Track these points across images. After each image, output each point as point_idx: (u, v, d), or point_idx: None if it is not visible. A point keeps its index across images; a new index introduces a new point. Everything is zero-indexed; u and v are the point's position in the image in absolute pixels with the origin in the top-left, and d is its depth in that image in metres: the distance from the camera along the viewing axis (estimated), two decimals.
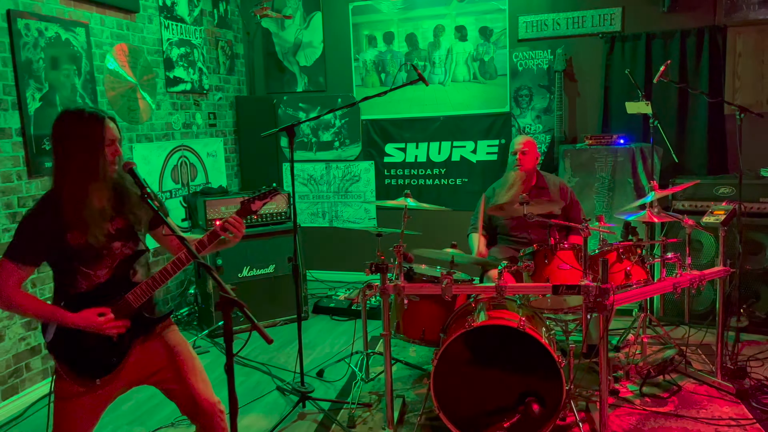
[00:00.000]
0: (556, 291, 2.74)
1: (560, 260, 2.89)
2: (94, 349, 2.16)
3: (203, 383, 2.35)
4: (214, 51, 5.44)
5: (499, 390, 2.79)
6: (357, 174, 5.75)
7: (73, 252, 2.13)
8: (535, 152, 3.75)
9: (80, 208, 2.11)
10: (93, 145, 2.10)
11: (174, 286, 4.91)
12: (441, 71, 5.40)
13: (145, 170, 4.55)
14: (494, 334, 2.79)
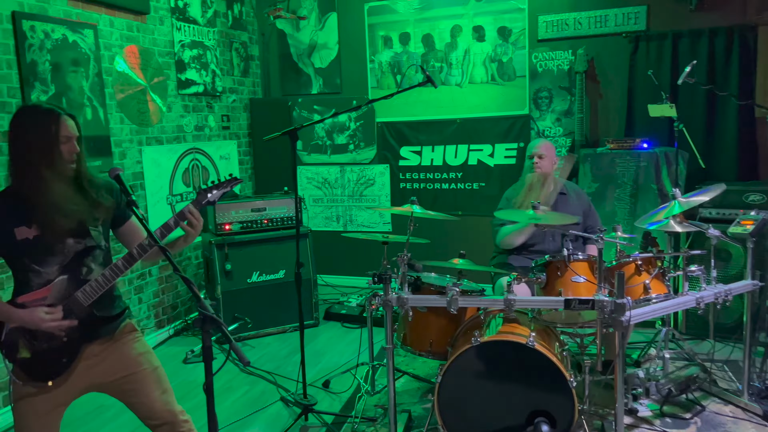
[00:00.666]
0: (568, 305, 2.58)
1: (574, 272, 2.73)
2: (45, 351, 2.11)
3: (164, 393, 2.29)
4: (227, 53, 5.38)
5: (507, 408, 2.65)
6: (372, 177, 5.63)
7: (22, 248, 2.09)
8: (553, 156, 3.59)
9: (35, 203, 2.06)
10: (48, 141, 2.05)
11: (184, 291, 4.86)
12: (458, 72, 5.26)
13: (155, 173, 4.50)
14: (503, 350, 2.65)
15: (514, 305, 2.62)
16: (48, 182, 2.05)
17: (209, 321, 1.69)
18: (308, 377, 3.78)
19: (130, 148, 4.27)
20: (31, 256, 2.09)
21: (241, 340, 4.48)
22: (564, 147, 5.01)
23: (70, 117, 2.11)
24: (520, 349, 2.60)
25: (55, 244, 2.10)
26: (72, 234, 2.13)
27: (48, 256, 2.11)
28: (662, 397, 3.16)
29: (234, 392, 3.68)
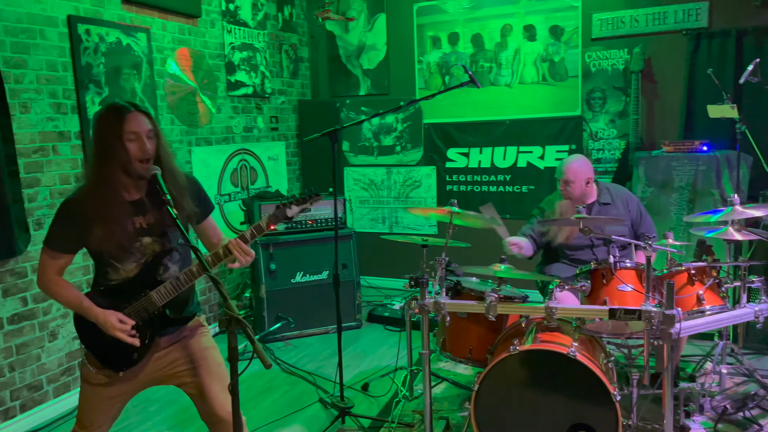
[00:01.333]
0: (613, 315, 2.46)
1: (620, 280, 2.60)
2: (117, 344, 2.14)
3: (224, 392, 2.27)
4: (277, 55, 5.44)
5: (547, 419, 2.55)
6: (418, 179, 5.58)
7: (100, 244, 2.12)
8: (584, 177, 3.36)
9: (106, 200, 2.09)
10: (113, 139, 2.06)
11: (231, 289, 4.93)
12: (507, 73, 5.15)
13: (204, 173, 4.58)
14: (543, 359, 2.55)
15: (556, 313, 2.52)
16: (114, 181, 2.09)
17: (235, 322, 1.68)
18: (348, 379, 3.78)
19: (180, 149, 4.37)
20: (110, 252, 2.14)
21: (284, 340, 4.51)
22: (618, 150, 4.83)
23: (142, 113, 2.11)
24: (561, 359, 2.50)
25: (128, 244, 2.14)
26: (147, 234, 2.18)
27: (125, 253, 2.15)
28: (717, 415, 2.98)
29: (274, 392, 3.70)
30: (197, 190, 2.34)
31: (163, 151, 2.19)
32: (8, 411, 3.22)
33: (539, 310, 2.55)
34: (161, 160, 2.18)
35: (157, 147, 2.16)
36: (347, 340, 4.49)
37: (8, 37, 3.17)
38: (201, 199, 2.34)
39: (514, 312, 2.65)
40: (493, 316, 2.62)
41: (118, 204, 2.12)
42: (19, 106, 3.25)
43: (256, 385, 3.80)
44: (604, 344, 2.92)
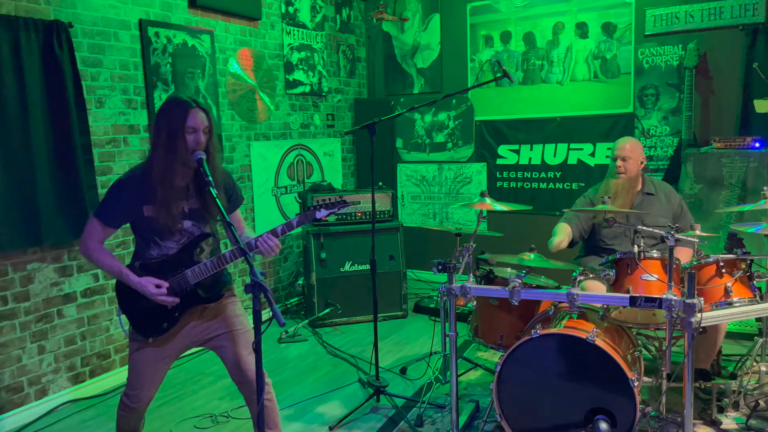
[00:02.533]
0: (633, 302, 2.51)
1: (644, 270, 2.64)
2: (148, 311, 2.40)
3: (251, 355, 2.51)
4: (335, 55, 5.68)
5: (567, 403, 2.63)
6: (469, 176, 5.68)
7: (148, 223, 2.39)
8: (640, 157, 3.44)
9: (159, 184, 2.34)
10: (175, 130, 2.31)
11: (285, 277, 5.20)
12: (559, 70, 5.17)
13: (262, 166, 4.87)
14: (563, 343, 2.63)
15: (577, 300, 2.59)
16: (170, 167, 2.33)
17: (257, 287, 1.88)
18: (389, 364, 3.95)
19: (240, 143, 4.67)
20: (155, 231, 2.40)
21: (332, 325, 4.73)
22: (671, 147, 4.77)
23: (202, 110, 2.35)
24: (580, 344, 2.57)
25: (173, 225, 2.40)
26: (189, 218, 2.44)
27: (168, 233, 2.42)
28: (750, 410, 2.95)
29: (317, 371, 3.91)
30: (231, 184, 2.58)
31: (213, 146, 2.43)
32: (78, 376, 3.59)
33: (561, 296, 2.63)
34: (209, 152, 2.42)
35: (208, 141, 2.41)
36: (392, 329, 4.67)
37: (85, 39, 3.54)
38: (233, 193, 2.58)
39: (536, 297, 2.74)
40: (517, 300, 2.72)
41: (170, 188, 2.36)
42: (95, 101, 3.61)
43: (302, 365, 4.03)
44: (633, 335, 2.96)
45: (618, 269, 2.74)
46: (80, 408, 3.46)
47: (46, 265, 3.39)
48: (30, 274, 3.32)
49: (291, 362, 4.08)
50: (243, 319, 2.59)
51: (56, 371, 3.46)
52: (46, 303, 3.40)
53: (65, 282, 3.48)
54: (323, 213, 2.46)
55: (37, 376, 3.37)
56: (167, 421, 3.28)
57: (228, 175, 2.60)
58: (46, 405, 3.39)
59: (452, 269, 2.90)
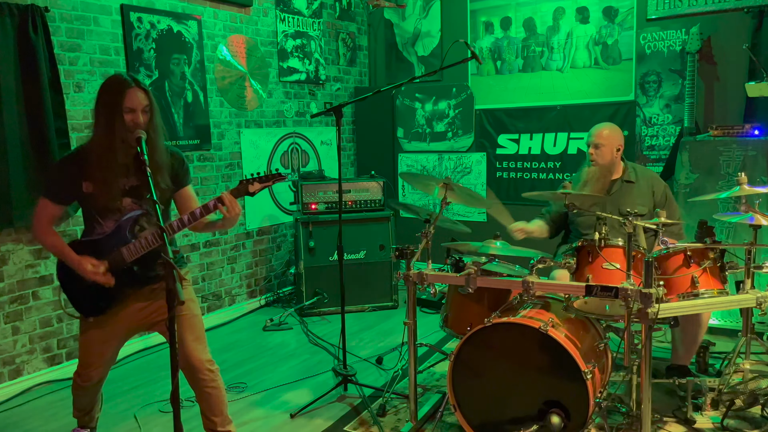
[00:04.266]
0: (590, 292, 2.40)
1: (604, 258, 2.51)
2: (86, 290, 2.40)
3: (196, 341, 2.49)
4: (333, 42, 5.62)
5: (521, 395, 2.53)
6: (468, 166, 5.56)
7: (87, 200, 2.39)
8: (615, 143, 3.26)
9: (98, 162, 2.34)
10: (113, 109, 2.30)
11: (278, 266, 5.18)
12: (559, 57, 5.01)
13: (253, 154, 4.85)
14: (515, 333, 2.53)
15: (533, 288, 2.49)
16: (109, 146, 2.32)
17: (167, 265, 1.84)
18: (368, 353, 3.89)
19: (229, 130, 4.66)
20: (94, 208, 2.41)
21: (320, 315, 4.69)
22: (673, 136, 4.56)
23: (141, 90, 2.34)
24: (533, 334, 2.46)
25: (112, 202, 2.40)
26: (129, 194, 2.43)
27: (107, 211, 2.42)
28: (725, 409, 2.79)
29: (294, 359, 3.88)
30: (180, 163, 2.55)
31: (153, 125, 2.41)
32: (55, 357, 3.63)
33: (516, 284, 2.53)
34: (149, 133, 2.40)
35: (148, 121, 2.39)
36: (379, 319, 4.60)
37: (63, 23, 3.56)
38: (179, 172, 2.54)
39: (491, 285, 2.64)
40: (472, 288, 2.63)
41: (110, 166, 2.36)
42: (73, 85, 3.64)
43: (280, 352, 4.00)
44: (600, 327, 2.83)
45: (579, 257, 2.62)
46: (56, 389, 3.50)
47: (21, 246, 3.43)
48: (4, 255, 3.36)
49: (270, 350, 4.05)
50: (191, 304, 2.57)
51: (31, 352, 3.51)
52: (21, 285, 3.44)
53: (41, 264, 3.52)
54: (256, 187, 2.41)
55: (11, 356, 3.42)
56: (134, 404, 3.28)
57: (174, 155, 2.56)
58: (19, 385, 3.44)
59: (409, 255, 2.82)
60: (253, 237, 4.91)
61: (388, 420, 3.02)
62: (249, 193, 2.42)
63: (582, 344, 2.55)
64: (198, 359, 2.49)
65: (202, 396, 2.54)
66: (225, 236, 4.67)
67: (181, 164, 2.59)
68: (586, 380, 2.36)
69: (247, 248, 4.88)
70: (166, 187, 2.48)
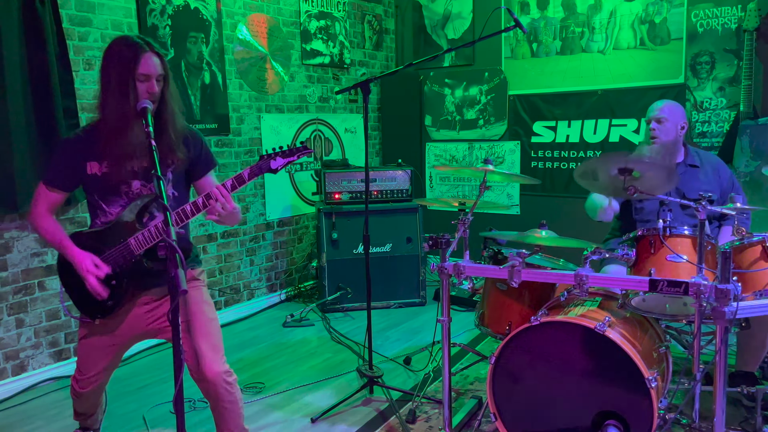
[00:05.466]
0: (654, 287, 2.08)
1: (670, 249, 2.20)
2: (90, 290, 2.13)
3: (212, 350, 2.18)
4: (359, 25, 5.35)
5: (573, 405, 2.23)
6: (501, 155, 5.24)
7: (91, 183, 2.13)
8: (680, 121, 2.94)
9: (111, 139, 2.08)
10: (125, 77, 2.03)
11: (299, 258, 4.93)
12: (601, 38, 4.66)
13: (274, 141, 4.60)
14: (567, 334, 2.22)
15: (586, 282, 2.18)
16: (120, 120, 2.05)
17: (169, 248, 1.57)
18: (395, 353, 3.62)
19: (249, 114, 4.41)
20: (99, 192, 2.15)
21: (344, 311, 4.42)
22: (727, 122, 4.20)
23: (156, 55, 2.06)
24: (588, 335, 2.16)
25: (120, 184, 2.14)
26: (138, 177, 2.16)
27: (113, 195, 2.16)
28: None
29: (316, 358, 3.61)
30: (199, 144, 2.28)
31: (169, 96, 2.14)
32: (62, 352, 3.42)
33: (568, 278, 2.22)
34: (165, 103, 2.14)
35: (163, 90, 2.12)
36: (406, 316, 4.32)
37: None
38: (201, 154, 2.28)
39: (538, 279, 2.34)
40: (516, 282, 2.33)
41: (121, 143, 2.09)
42: (83, 62, 3.41)
43: (301, 350, 3.74)
44: (661, 329, 2.51)
45: (639, 249, 2.30)
46: (62, 386, 3.27)
47: (26, 234, 3.21)
48: (8, 243, 3.15)
49: (290, 347, 3.80)
50: (206, 308, 2.27)
51: (36, 347, 3.29)
52: (26, 274, 3.22)
53: (48, 253, 3.30)
54: (280, 162, 2.12)
55: (14, 351, 3.20)
56: (144, 404, 3.05)
57: (194, 133, 2.30)
58: (24, 381, 3.23)
59: (444, 245, 2.53)
60: (273, 228, 4.66)
61: (419, 427, 2.73)
62: (271, 170, 2.13)
63: (642, 347, 2.23)
64: (215, 372, 2.15)
65: (217, 410, 2.23)
66: (244, 227, 4.43)
67: (203, 145, 2.31)
68: (650, 389, 2.05)
69: (267, 240, 4.63)
70: (184, 157, 2.20)
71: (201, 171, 2.29)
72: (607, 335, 2.10)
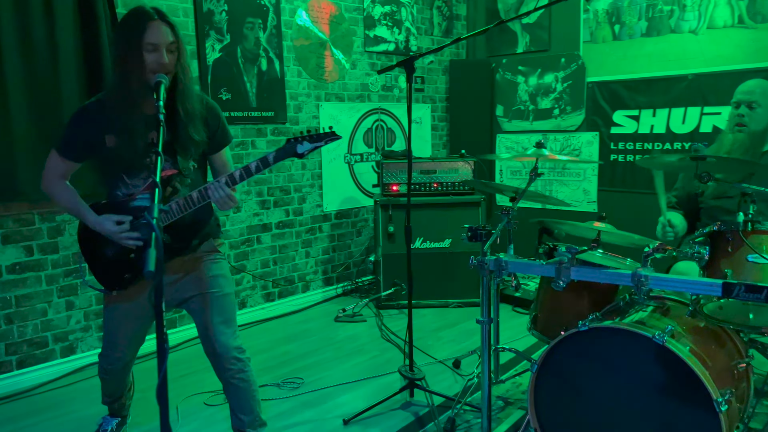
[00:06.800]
0: (729, 292, 1.73)
1: (751, 248, 1.83)
2: (109, 259, 2.11)
3: (224, 324, 2.17)
4: (428, 11, 5.12)
5: (626, 425, 1.91)
6: (577, 147, 4.85)
7: (112, 155, 2.07)
8: None
9: (117, 111, 2.02)
10: (131, 46, 1.95)
11: (357, 252, 4.77)
12: (693, 16, 4.19)
13: None
14: (625, 345, 1.91)
15: (646, 283, 1.86)
16: (127, 92, 1.99)
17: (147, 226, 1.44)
18: (445, 355, 3.39)
19: (307, 102, 4.30)
20: (120, 165, 2.09)
21: (399, 308, 4.22)
22: None
23: (166, 23, 1.97)
24: (645, 346, 1.84)
25: (138, 158, 2.07)
26: None
27: (134, 168, 2.09)
28: None
29: (362, 355, 3.44)
30: (215, 118, 2.19)
31: (182, 68, 2.05)
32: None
33: (624, 279, 1.91)
34: (177, 77, 2.04)
35: (176, 62, 2.03)
36: (464, 316, 4.06)
37: None
38: (217, 129, 2.20)
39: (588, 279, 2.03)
40: (564, 282, 2.04)
41: (134, 115, 2.03)
42: None
43: (347, 347, 3.58)
44: (742, 342, 2.13)
45: (714, 247, 1.95)
46: None
47: None
48: (60, 226, 3.19)
49: (337, 343, 3.64)
50: (222, 281, 2.21)
51: (86, 329, 3.32)
52: (78, 257, 3.25)
53: None
54: (306, 147, 2.00)
55: (64, 333, 3.24)
56: (177, 394, 2.98)
57: (211, 107, 2.20)
58: (72, 363, 3.26)
59: (486, 236, 2.28)
60: (330, 220, 4.53)
61: None
62: (297, 155, 2.02)
63: (714, 363, 1.89)
64: (224, 345, 2.13)
65: (228, 388, 2.19)
66: (300, 218, 4.32)
67: (220, 118, 2.22)
68: (719, 412, 1.71)
69: (324, 232, 4.51)
70: (201, 140, 2.11)
71: (216, 146, 2.21)
72: (669, 346, 1.78)
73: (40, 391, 3.07)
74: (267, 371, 3.22)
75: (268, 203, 4.09)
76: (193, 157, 2.11)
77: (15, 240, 3.06)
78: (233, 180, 2.00)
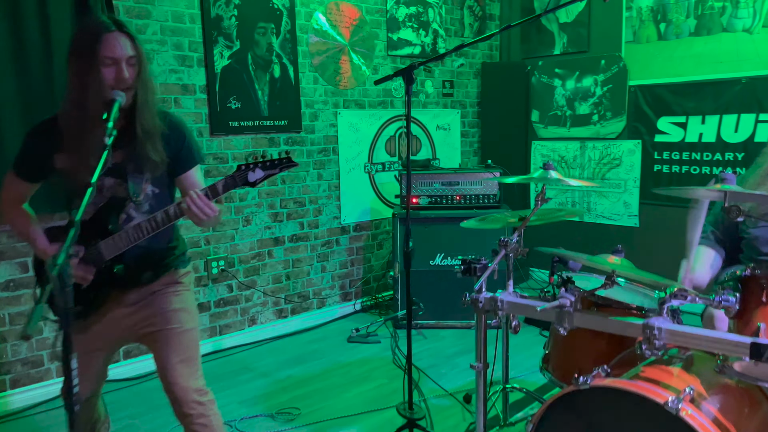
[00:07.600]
0: (759, 353, 1.42)
1: None
2: None
3: (182, 363, 1.96)
4: (458, 11, 4.84)
5: None
6: (618, 156, 4.47)
7: (63, 177, 1.91)
8: None
9: (67, 130, 1.86)
10: (87, 62, 1.78)
11: (378, 266, 4.54)
12: (747, 13, 3.76)
13: (352, 139, 4.25)
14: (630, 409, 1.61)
15: (658, 336, 1.56)
16: (81, 110, 1.83)
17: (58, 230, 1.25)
18: (460, 386, 3.13)
19: (324, 110, 4.10)
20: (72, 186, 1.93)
21: (416, 328, 3.97)
22: None
23: (125, 35, 1.81)
24: (657, 412, 1.54)
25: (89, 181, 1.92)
26: (110, 174, 1.92)
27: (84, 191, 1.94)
28: None
29: (368, 383, 3.21)
30: (179, 136, 1.99)
31: (143, 83, 1.87)
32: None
33: (635, 329, 1.61)
34: (138, 92, 1.86)
35: (136, 76, 1.85)
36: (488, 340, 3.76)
37: None
38: (181, 148, 1.99)
39: (593, 327, 1.74)
40: (565, 329, 1.76)
41: (87, 135, 1.86)
42: None
43: (353, 372, 3.36)
44: None
45: (746, 293, 1.62)
46: (110, 389, 3.17)
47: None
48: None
49: (345, 367, 3.43)
50: (183, 315, 2.02)
51: None
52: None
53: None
54: (258, 175, 1.78)
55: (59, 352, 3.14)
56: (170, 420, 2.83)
57: (175, 125, 2.01)
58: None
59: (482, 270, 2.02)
60: (349, 233, 4.32)
61: None
62: (249, 184, 1.83)
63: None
64: (182, 388, 1.93)
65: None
66: (315, 230, 4.13)
67: (186, 138, 2.02)
68: None
69: (342, 245, 4.30)
70: (159, 160, 1.92)
71: (181, 168, 2.00)
72: (684, 416, 1.47)
73: (34, 412, 2.99)
74: (264, 399, 3.04)
75: (281, 216, 3.90)
76: (149, 180, 1.93)
77: (9, 256, 2.98)
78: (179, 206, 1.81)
